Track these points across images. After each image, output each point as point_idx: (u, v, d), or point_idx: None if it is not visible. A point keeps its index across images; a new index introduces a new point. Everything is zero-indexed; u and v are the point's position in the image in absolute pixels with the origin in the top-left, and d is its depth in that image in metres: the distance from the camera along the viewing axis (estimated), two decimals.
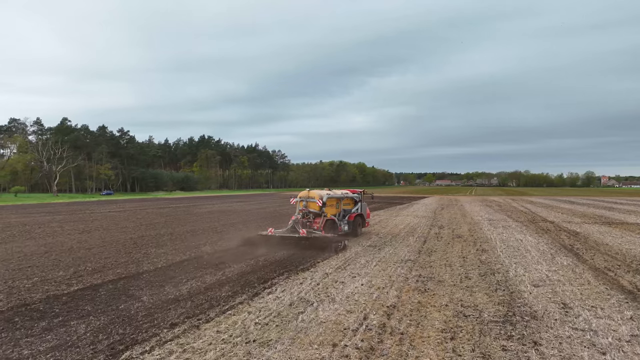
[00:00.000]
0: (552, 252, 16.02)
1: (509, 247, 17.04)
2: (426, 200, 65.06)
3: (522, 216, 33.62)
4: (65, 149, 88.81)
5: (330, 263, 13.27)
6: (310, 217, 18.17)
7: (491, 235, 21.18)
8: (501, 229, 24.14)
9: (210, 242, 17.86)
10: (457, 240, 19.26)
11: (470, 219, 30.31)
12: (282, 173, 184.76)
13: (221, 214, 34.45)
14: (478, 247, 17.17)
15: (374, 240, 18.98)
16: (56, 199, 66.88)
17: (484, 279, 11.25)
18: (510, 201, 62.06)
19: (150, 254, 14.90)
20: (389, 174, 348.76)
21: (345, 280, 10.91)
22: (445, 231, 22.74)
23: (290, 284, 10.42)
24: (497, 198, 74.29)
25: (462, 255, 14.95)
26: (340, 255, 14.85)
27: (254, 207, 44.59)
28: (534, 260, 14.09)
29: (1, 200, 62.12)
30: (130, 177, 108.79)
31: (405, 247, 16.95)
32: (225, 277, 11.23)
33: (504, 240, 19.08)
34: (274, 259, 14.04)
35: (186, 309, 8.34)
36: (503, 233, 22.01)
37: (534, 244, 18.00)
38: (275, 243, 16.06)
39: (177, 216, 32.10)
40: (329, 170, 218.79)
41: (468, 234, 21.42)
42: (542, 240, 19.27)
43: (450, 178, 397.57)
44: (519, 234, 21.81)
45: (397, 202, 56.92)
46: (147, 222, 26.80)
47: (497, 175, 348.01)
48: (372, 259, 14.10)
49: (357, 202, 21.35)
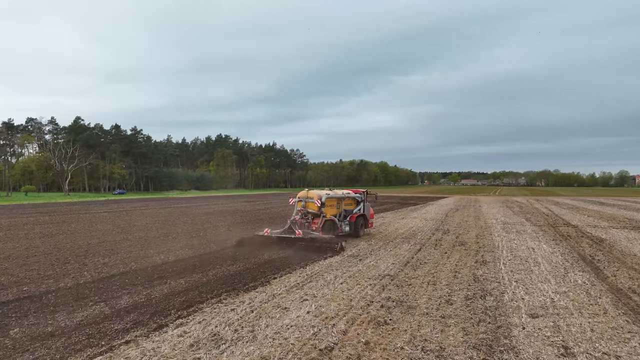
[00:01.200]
0: (567, 265, 13.53)
1: (516, 258, 14.60)
2: (444, 200, 62.16)
3: (542, 219, 30.78)
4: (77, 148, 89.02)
5: (290, 279, 11.15)
6: (309, 218, 17.84)
7: (500, 242, 18.70)
8: (514, 234, 21.57)
9: (173, 250, 15.97)
10: (458, 248, 16.89)
11: (483, 222, 27.71)
12: (300, 172, 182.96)
13: (216, 215, 32.69)
14: (479, 257, 14.78)
15: (362, 247, 16.78)
16: (64, 199, 66.60)
17: (469, 305, 8.97)
18: (534, 202, 58.63)
19: (87, 265, 13.07)
20: (412, 174, 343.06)
21: (291, 305, 8.79)
22: (449, 237, 20.35)
23: (217, 311, 8.37)
24: (521, 198, 70.70)
25: (455, 269, 12.63)
26: (309, 267, 12.74)
27: (258, 208, 42.75)
28: (541, 277, 11.67)
29: (10, 199, 62.09)
30: (144, 177, 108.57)
31: (392, 257, 14.70)
32: (144, 299, 9.25)
33: (513, 249, 16.61)
34: (227, 272, 12.02)
35: (47, 352, 6.36)
36: (514, 240, 19.49)
37: (546, 254, 15.50)
38: (261, 244, 15.96)
39: (167, 218, 30.46)
40: (350, 169, 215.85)
41: (473, 241, 19.00)
42: (558, 249, 16.72)
43: (477, 177, 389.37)
44: (533, 240, 19.25)
45: (412, 203, 54.33)
46: (127, 225, 25.17)
47: (525, 175, 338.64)
48: (344, 273, 11.93)
49: (360, 203, 20.59)
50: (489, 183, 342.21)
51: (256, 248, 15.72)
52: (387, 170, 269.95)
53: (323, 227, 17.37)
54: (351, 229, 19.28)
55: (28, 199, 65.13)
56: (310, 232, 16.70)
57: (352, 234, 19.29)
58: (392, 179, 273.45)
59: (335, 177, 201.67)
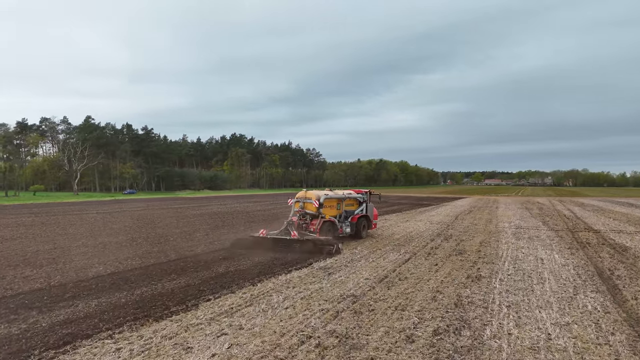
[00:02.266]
0: (578, 282, 11.25)
1: (518, 273, 12.37)
2: (460, 201, 59.42)
3: (562, 222, 28.15)
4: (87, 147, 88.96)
5: (226, 301, 9.20)
6: (307, 219, 17.50)
7: (505, 251, 16.42)
8: (525, 241, 19.21)
9: (122, 259, 14.19)
10: (454, 258, 14.70)
11: (494, 227, 25.30)
12: (317, 172, 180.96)
13: (207, 217, 30.99)
14: (473, 271, 12.59)
15: (342, 255, 14.74)
16: (71, 198, 66.16)
17: (435, 345, 6.87)
18: (557, 203, 55.44)
19: (6, 277, 11.36)
20: (433, 173, 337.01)
21: (199, 343, 6.84)
22: (449, 244, 18.14)
23: (96, 352, 6.46)
24: (543, 199, 67.32)
25: (438, 288, 10.49)
26: (262, 284, 10.78)
27: (262, 208, 40.94)
28: (542, 301, 9.46)
29: (16, 199, 61.85)
30: (155, 176, 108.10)
31: (369, 270, 12.63)
32: (18, 331, 7.42)
33: (517, 261, 14.34)
34: (158, 290, 10.15)
35: None
36: (523, 248, 17.17)
37: (556, 268, 13.20)
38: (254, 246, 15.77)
39: (152, 220, 28.88)
40: (368, 169, 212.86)
41: (475, 249, 16.75)
42: (572, 261, 14.39)
43: (501, 177, 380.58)
44: (545, 249, 16.90)
45: (426, 204, 51.90)
46: (100, 228, 23.62)
47: (551, 174, 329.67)
48: (299, 292, 9.93)
49: (362, 203, 20.24)
50: (514, 183, 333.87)
51: (246, 250, 15.45)
52: (407, 170, 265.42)
53: (321, 229, 16.89)
54: (352, 230, 18.90)
55: (35, 198, 64.89)
56: (307, 233, 16.47)
57: (354, 236, 18.97)
58: (412, 178, 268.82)
59: (353, 177, 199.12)
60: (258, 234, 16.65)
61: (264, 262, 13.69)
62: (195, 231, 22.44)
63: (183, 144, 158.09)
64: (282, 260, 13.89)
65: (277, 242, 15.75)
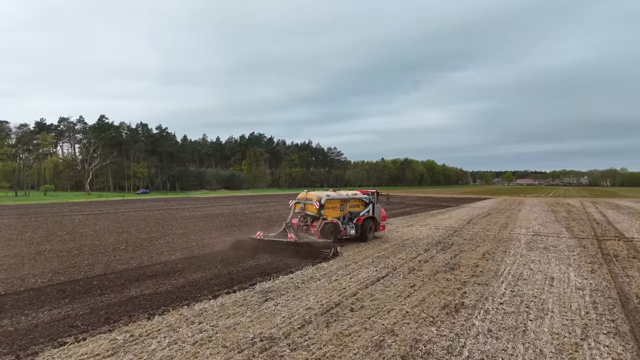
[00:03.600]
0: (592, 317, 8.45)
1: (514, 300, 9.62)
2: (482, 202, 55.86)
3: (589, 228, 24.82)
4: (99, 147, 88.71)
5: (80, 349, 6.82)
6: (307, 221, 17.07)
7: (510, 266, 13.60)
8: (538, 252, 16.27)
9: (67, 268, 12.08)
10: (440, 277, 11.99)
11: (507, 233, 22.29)
12: (338, 172, 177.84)
13: (202, 219, 28.90)
14: (457, 297, 9.91)
15: (303, 272, 12.23)
16: (80, 198, 65.51)
17: None
18: (589, 204, 51.33)
19: None
20: (462, 173, 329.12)
21: None
22: (444, 256, 15.39)
23: None
24: (574, 200, 62.93)
25: (395, 326, 7.88)
26: (156, 318, 8.38)
27: (263, 210, 38.66)
28: (533, 352, 6.74)
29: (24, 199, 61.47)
30: (170, 176, 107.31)
31: (322, 293, 10.08)
32: None
33: (520, 280, 11.54)
34: (39, 319, 7.87)
35: None
36: (533, 262, 14.30)
37: (568, 292, 10.38)
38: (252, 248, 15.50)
39: (138, 223, 26.92)
40: (392, 168, 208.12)
41: (473, 263, 13.98)
42: (591, 282, 11.50)
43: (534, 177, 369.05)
44: (560, 264, 13.98)
45: (444, 205, 48.84)
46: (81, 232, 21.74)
47: (587, 174, 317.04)
48: (200, 332, 7.50)
49: (368, 204, 19.63)
50: (547, 183, 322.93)
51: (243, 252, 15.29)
52: (434, 169, 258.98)
53: (322, 231, 16.42)
54: (357, 232, 18.42)
55: (42, 198, 64.47)
56: (305, 235, 16.01)
57: (359, 238, 18.48)
58: (439, 178, 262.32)
59: (377, 177, 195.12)
60: (255, 235, 16.22)
61: (217, 275, 11.75)
62: (164, 236, 20.31)
63: (202, 144, 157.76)
64: (240, 275, 11.63)
65: (274, 244, 15.39)
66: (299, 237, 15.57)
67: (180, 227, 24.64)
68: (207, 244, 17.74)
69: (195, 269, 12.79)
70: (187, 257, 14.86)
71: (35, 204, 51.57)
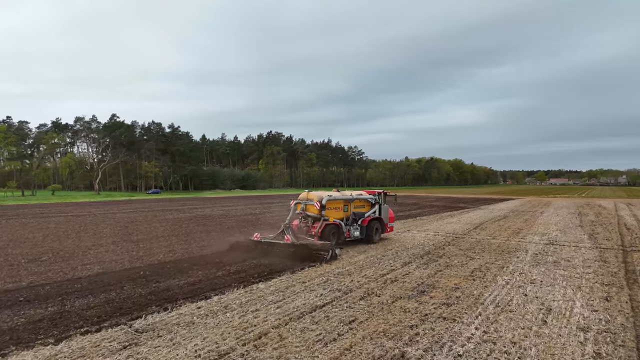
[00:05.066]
0: None
1: (483, 347, 6.86)
2: (504, 204, 52.15)
3: (617, 235, 21.42)
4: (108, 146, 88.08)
5: None
6: (308, 222, 16.81)
7: (499, 289, 10.74)
8: (545, 267, 13.31)
9: None
10: (400, 305, 9.26)
11: (516, 242, 19.20)
12: (359, 171, 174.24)
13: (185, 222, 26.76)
14: (401, 343, 7.18)
15: (211, 302, 9.65)
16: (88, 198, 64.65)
17: None
18: (624, 206, 47.07)
19: None
20: (491, 172, 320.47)
21: None
22: (423, 272, 12.59)
23: None
24: (607, 201, 58.34)
25: None
26: None
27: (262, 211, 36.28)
28: None
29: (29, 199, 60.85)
30: (183, 176, 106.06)
31: (217, 332, 7.51)
32: None
33: (504, 313, 8.69)
34: None
35: None
36: (534, 282, 11.42)
37: (564, 335, 7.53)
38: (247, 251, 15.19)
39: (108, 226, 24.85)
40: (417, 167, 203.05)
41: (454, 284, 11.18)
42: (602, 316, 8.57)
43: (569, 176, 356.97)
44: (567, 286, 11.03)
45: (460, 207, 45.54)
46: (18, 238, 19.74)
47: (626, 173, 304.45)
48: None
49: (374, 205, 19.14)
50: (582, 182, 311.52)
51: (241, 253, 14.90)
52: (462, 169, 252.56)
53: (322, 232, 16.09)
54: (362, 233, 17.97)
55: (50, 198, 63.85)
56: (304, 237, 15.75)
57: (365, 240, 18.05)
58: (467, 177, 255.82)
59: (400, 176, 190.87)
60: (252, 237, 15.90)
61: (103, 303, 9.36)
62: (109, 244, 18.04)
63: (220, 143, 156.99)
64: (133, 301, 9.09)
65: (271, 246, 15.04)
66: (297, 238, 15.19)
67: (143, 232, 22.39)
68: (144, 256, 15.36)
69: (86, 292, 10.34)
70: (96, 274, 12.35)
71: (30, 204, 50.65)
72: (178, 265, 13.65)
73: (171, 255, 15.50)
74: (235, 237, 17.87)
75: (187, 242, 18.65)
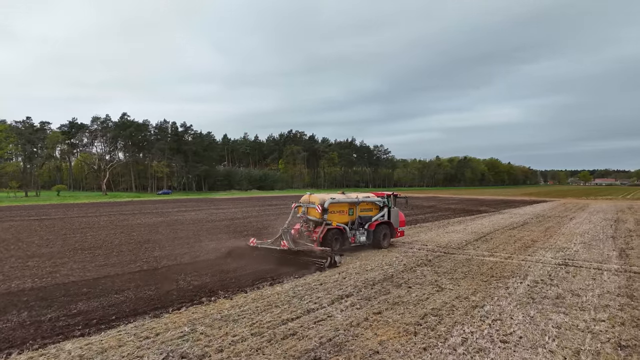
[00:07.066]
0: None
1: None
2: (531, 207, 47.12)
3: None
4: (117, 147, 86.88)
5: None
6: (310, 226, 16.13)
7: (444, 358, 6.75)
8: (539, 308, 9.29)
9: None
10: None
11: (519, 261, 15.01)
12: (386, 171, 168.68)
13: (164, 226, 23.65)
14: None
15: None
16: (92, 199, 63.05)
17: None
18: None
19: None
20: (530, 172, 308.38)
21: None
22: (346, 316, 8.75)
23: None
24: None
25: None
26: None
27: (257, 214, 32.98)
28: None
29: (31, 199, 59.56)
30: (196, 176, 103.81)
31: None
32: None
33: None
34: None
35: None
36: (506, 342, 7.37)
37: None
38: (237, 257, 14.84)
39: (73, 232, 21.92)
40: (449, 167, 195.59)
41: (378, 342, 7.29)
42: None
43: (616, 176, 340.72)
44: (557, 350, 6.94)
45: (480, 210, 41.30)
46: None
47: None
48: None
49: (383, 208, 18.36)
50: (631, 182, 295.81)
51: None
52: (498, 168, 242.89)
53: (324, 237, 15.42)
54: (369, 239, 17.32)
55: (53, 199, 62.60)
56: (304, 243, 15.20)
57: (373, 245, 17.45)
58: (504, 178, 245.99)
59: (430, 176, 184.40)
60: (249, 242, 15.62)
61: None
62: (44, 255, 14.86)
63: (242, 142, 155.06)
64: None
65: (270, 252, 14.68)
66: (296, 244, 14.73)
67: (105, 239, 19.24)
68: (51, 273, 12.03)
69: None
70: None
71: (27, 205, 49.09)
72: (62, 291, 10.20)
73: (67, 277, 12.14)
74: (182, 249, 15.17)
75: (107, 257, 15.37)
